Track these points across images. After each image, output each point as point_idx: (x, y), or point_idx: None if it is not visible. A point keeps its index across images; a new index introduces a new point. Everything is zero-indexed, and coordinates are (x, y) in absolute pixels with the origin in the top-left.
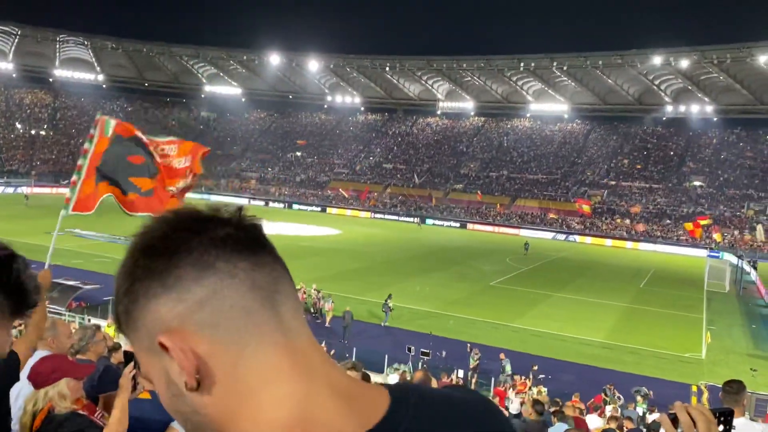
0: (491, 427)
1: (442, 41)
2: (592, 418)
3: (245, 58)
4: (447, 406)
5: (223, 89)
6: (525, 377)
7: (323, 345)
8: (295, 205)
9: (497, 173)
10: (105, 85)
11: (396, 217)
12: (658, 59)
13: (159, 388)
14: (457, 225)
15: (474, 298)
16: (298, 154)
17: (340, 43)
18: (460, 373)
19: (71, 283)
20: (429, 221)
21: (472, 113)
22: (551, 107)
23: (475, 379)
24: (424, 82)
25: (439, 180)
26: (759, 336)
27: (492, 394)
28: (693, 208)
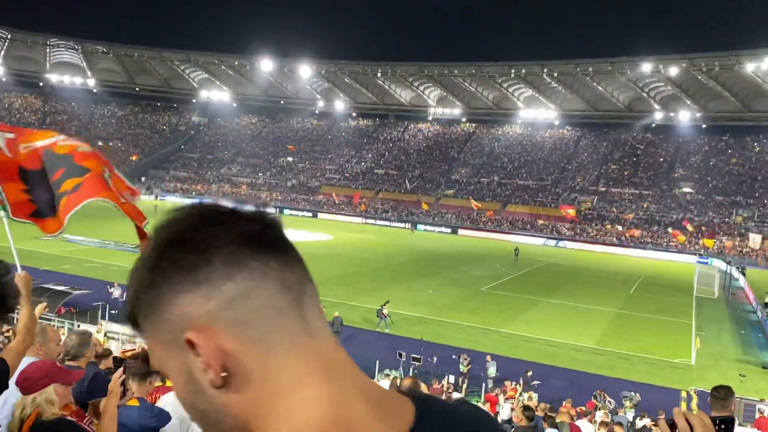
0: None
1: (433, 48)
2: (583, 424)
3: (237, 63)
4: (466, 415)
5: (214, 94)
6: (515, 383)
7: None
8: (286, 211)
9: (488, 179)
10: (96, 90)
11: (387, 223)
12: (647, 66)
13: (177, 382)
14: (449, 231)
15: (465, 303)
16: (290, 159)
17: (332, 48)
18: (451, 378)
19: (60, 288)
20: (420, 227)
21: (464, 119)
22: (542, 114)
23: (465, 385)
24: (415, 88)
25: (430, 186)
26: (747, 341)
27: (483, 401)
28: (682, 215)
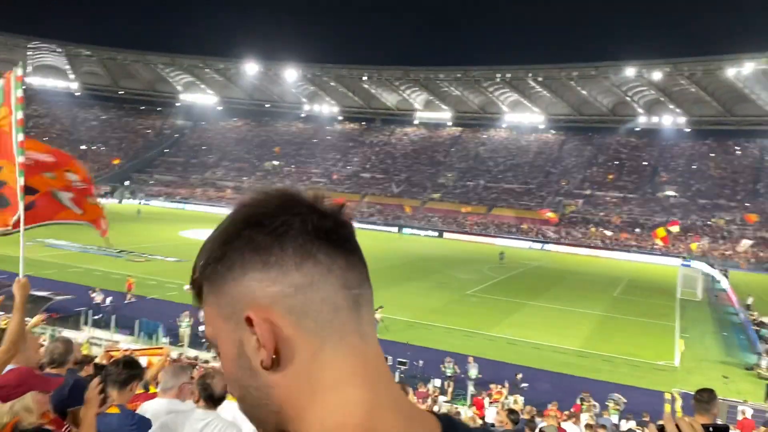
0: None
1: (419, 52)
2: (568, 426)
3: (221, 66)
4: None
5: (198, 97)
6: (501, 385)
7: None
8: None
9: (474, 183)
10: (79, 93)
11: (374, 227)
12: (631, 71)
13: (226, 355)
14: (435, 234)
15: (451, 306)
16: (275, 163)
17: (318, 52)
18: (437, 382)
19: (42, 294)
20: (407, 230)
21: (450, 123)
22: (527, 118)
23: (451, 389)
24: (401, 92)
25: (416, 189)
26: (730, 343)
27: (470, 404)
28: (666, 218)
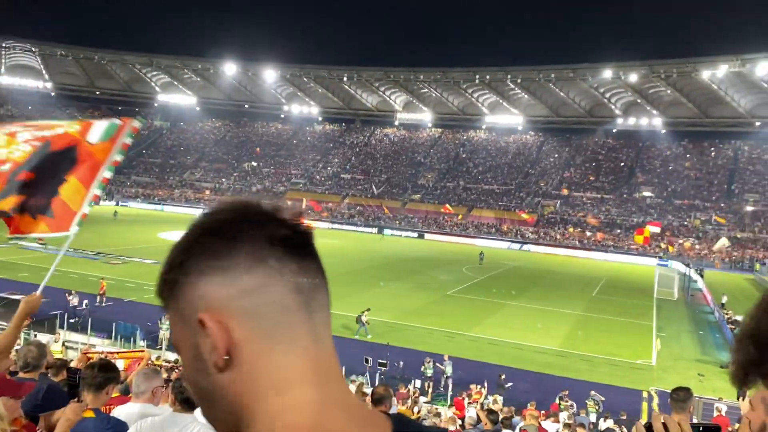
0: None
1: (399, 53)
2: (547, 425)
3: (200, 66)
4: None
5: (177, 98)
6: (480, 386)
7: None
8: None
9: (454, 184)
10: (54, 93)
11: (354, 228)
12: (608, 73)
13: (185, 359)
14: (415, 235)
15: (432, 307)
16: (254, 164)
17: (297, 53)
18: (417, 383)
19: (16, 297)
20: (387, 231)
21: (430, 124)
22: (506, 119)
23: (431, 389)
24: (381, 93)
25: (397, 190)
26: (706, 342)
27: (450, 404)
28: (643, 218)
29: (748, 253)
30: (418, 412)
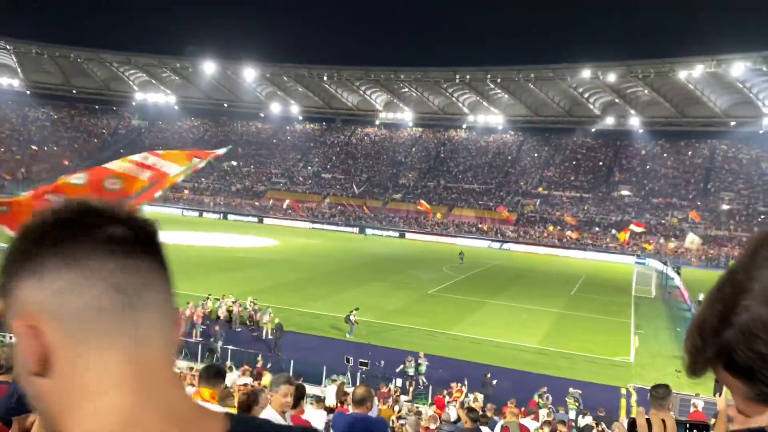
0: None
1: (379, 52)
2: (527, 422)
3: (178, 65)
4: None
5: (155, 97)
6: (461, 384)
7: (260, 358)
8: (230, 216)
9: (435, 183)
10: (29, 92)
11: (335, 227)
12: (586, 73)
13: (16, 364)
14: (396, 234)
15: (413, 306)
16: (234, 163)
17: (278, 52)
18: (398, 382)
19: None
20: (368, 231)
21: (410, 124)
22: (486, 119)
23: (412, 388)
24: (362, 93)
25: (378, 189)
26: (682, 339)
27: (431, 402)
28: (621, 217)
29: (723, 250)
30: (399, 411)
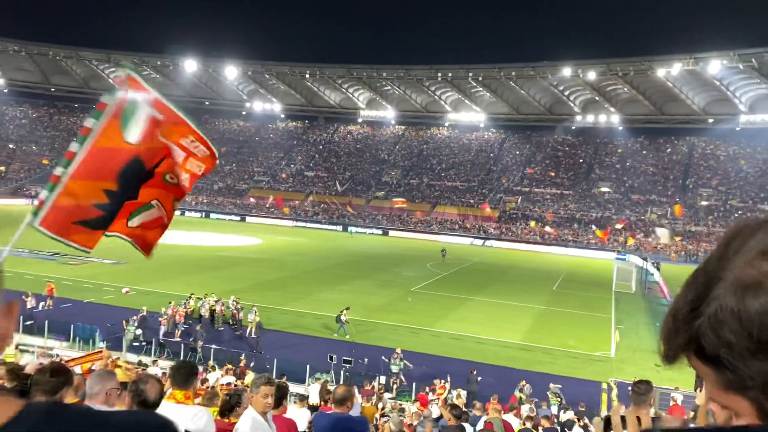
0: None
1: (362, 50)
2: (509, 418)
3: (159, 63)
4: (75, 416)
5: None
6: (444, 380)
7: (243, 357)
8: (212, 215)
9: (418, 181)
10: (6, 90)
11: (319, 225)
12: (567, 71)
13: None
14: (380, 232)
15: (396, 304)
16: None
17: (259, 49)
18: (382, 379)
19: None
20: (352, 229)
21: (393, 122)
22: (468, 117)
23: (396, 385)
24: (344, 91)
25: (361, 187)
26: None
27: (414, 399)
28: (601, 213)
29: (702, 246)
30: (383, 408)
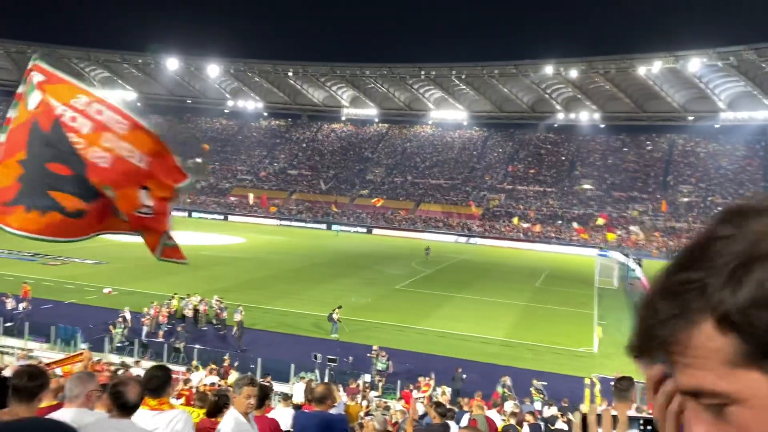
0: None
1: (345, 48)
2: (492, 414)
3: (140, 61)
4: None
5: (116, 94)
6: (428, 378)
7: (227, 356)
8: (195, 214)
9: (402, 179)
10: None
11: (303, 224)
12: (549, 69)
13: None
14: (364, 230)
15: (381, 302)
16: (198, 160)
17: (242, 47)
18: (367, 378)
19: None
20: (336, 227)
21: (377, 120)
22: (451, 114)
23: (382, 384)
24: (328, 89)
25: (345, 186)
26: None
27: (399, 397)
28: (583, 210)
29: (683, 242)
30: (367, 406)
